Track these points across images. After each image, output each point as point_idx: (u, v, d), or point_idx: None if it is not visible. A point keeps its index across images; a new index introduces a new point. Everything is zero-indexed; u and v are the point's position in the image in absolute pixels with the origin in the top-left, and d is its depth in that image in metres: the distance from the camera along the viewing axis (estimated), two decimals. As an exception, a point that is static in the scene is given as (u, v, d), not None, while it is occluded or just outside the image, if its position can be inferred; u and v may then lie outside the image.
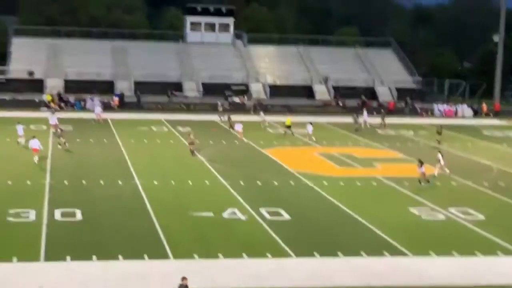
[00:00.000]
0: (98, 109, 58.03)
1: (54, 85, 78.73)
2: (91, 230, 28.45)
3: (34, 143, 41.65)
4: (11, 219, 29.54)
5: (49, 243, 26.50)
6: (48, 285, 22.49)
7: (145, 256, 25.37)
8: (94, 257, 25.02)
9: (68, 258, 24.85)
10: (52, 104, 67.39)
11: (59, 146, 45.82)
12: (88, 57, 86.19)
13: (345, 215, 32.64)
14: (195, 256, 25.63)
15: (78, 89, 76.80)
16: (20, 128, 47.46)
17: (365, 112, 63.13)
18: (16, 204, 31.67)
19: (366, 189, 38.24)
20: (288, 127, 55.02)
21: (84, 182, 36.85)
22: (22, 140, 46.59)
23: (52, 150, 45.52)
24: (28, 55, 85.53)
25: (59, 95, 72.10)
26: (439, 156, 40.72)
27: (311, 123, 54.00)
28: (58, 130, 48.85)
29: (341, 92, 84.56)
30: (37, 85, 79.36)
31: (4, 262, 24.26)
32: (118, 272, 23.94)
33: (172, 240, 27.41)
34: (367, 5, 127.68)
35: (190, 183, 37.64)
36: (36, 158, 41.32)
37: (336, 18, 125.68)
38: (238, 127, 53.54)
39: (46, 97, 70.63)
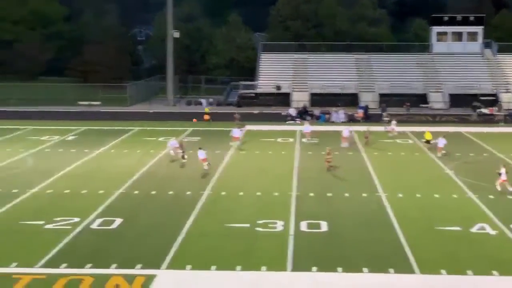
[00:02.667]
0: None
1: (300, 98, 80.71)
2: (336, 242, 28.57)
3: (201, 154, 42.85)
4: (260, 229, 30.45)
5: (296, 253, 26.97)
6: (294, 295, 22.90)
7: (391, 270, 25.02)
8: (339, 269, 25.10)
9: (314, 269, 25.13)
10: (206, 117, 68.85)
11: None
12: (333, 71, 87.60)
13: None
14: (443, 271, 24.86)
15: (323, 102, 78.16)
16: (174, 143, 47.81)
17: None
18: (265, 215, 32.64)
19: None
20: (427, 141, 51.59)
21: (329, 194, 37.18)
22: (179, 152, 46.77)
23: (299, 162, 46.51)
24: (275, 70, 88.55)
25: (304, 108, 73.63)
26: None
27: (444, 137, 49.90)
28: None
29: None
30: (284, 99, 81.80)
31: (254, 270, 25.06)
32: (363, 284, 23.81)
33: (418, 254, 26.81)
34: None
35: (437, 196, 36.68)
36: (205, 166, 42.49)
37: None
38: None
39: (205, 110, 72.00)
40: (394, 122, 59.82)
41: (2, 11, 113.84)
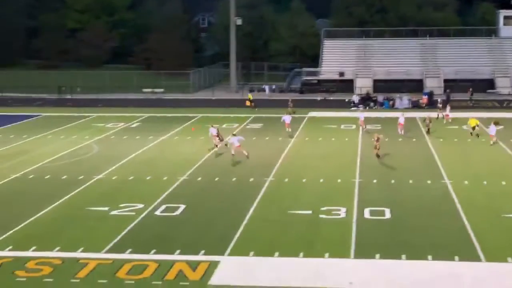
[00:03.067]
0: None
1: (363, 85, 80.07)
2: (400, 229, 28.28)
3: (235, 140, 42.18)
4: (323, 216, 30.34)
5: (359, 240, 26.79)
6: (357, 282, 22.72)
7: (456, 257, 24.64)
8: (403, 256, 24.84)
9: (377, 256, 24.93)
10: (248, 103, 68.65)
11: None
12: (397, 56, 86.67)
13: None
14: (509, 259, 24.36)
15: (387, 88, 77.36)
16: (213, 130, 46.32)
17: None
18: (328, 202, 32.50)
19: None
20: (473, 128, 49.70)
21: (392, 181, 36.81)
22: (216, 141, 45.84)
23: (362, 149, 46.15)
24: (338, 57, 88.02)
25: (367, 94, 73.02)
26: None
27: (495, 123, 48.02)
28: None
29: None
30: (347, 85, 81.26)
31: (317, 257, 24.98)
32: (427, 272, 23.49)
33: (484, 242, 26.33)
34: None
35: (504, 184, 35.96)
36: (233, 152, 41.88)
37: None
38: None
39: (248, 97, 71.46)
40: (448, 108, 58.79)
41: (68, 1, 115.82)
